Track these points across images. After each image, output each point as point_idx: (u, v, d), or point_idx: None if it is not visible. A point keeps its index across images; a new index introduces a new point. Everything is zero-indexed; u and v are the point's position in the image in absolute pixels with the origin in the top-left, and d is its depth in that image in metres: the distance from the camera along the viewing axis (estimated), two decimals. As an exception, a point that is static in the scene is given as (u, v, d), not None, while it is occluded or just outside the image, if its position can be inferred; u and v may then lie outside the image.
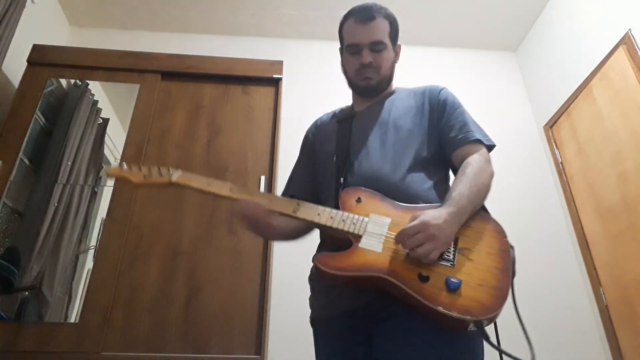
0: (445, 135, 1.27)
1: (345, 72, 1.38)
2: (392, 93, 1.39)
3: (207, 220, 2.12)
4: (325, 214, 1.12)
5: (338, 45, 1.41)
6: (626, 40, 2.51)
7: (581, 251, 2.78)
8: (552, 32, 3.19)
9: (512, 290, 1.00)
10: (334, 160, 1.29)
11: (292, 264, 1.89)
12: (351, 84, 1.37)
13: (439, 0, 3.21)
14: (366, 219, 1.10)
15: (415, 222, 1.01)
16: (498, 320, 1.00)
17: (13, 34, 2.32)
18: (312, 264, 1.22)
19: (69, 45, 3.03)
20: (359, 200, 1.15)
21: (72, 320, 1.95)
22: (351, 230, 1.09)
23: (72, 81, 2.51)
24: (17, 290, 1.99)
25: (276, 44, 3.41)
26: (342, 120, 1.38)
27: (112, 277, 1.95)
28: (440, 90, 1.35)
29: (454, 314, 0.93)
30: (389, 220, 1.10)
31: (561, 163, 3.02)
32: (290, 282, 2.10)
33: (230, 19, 3.35)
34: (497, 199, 3.12)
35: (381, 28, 1.30)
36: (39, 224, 2.09)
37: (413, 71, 3.42)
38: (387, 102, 1.35)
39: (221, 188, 1.21)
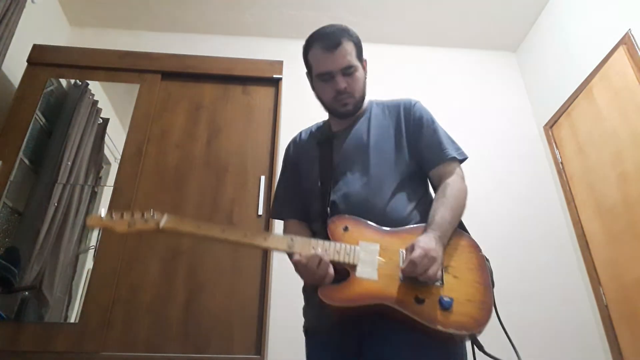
0: (422, 154, 1.34)
1: (319, 98, 1.40)
2: (365, 110, 1.43)
3: (207, 220, 2.12)
4: (319, 247, 1.15)
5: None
6: (626, 40, 2.51)
7: (581, 251, 2.78)
8: (552, 32, 3.19)
9: (494, 302, 1.12)
10: (318, 185, 1.32)
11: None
12: (329, 109, 1.40)
13: (439, 1, 3.21)
14: (357, 247, 1.15)
15: (419, 251, 1.07)
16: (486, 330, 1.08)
17: (13, 34, 2.32)
18: None
19: (69, 45, 3.03)
20: (346, 229, 1.19)
21: (72, 320, 1.95)
22: (346, 260, 1.13)
23: (72, 81, 2.51)
24: (17, 290, 1.99)
25: (276, 44, 3.41)
26: (322, 142, 1.41)
27: (112, 277, 1.95)
28: (414, 105, 1.41)
29: (452, 331, 1.04)
30: (377, 246, 1.16)
31: (561, 163, 3.02)
32: (290, 282, 2.09)
33: (230, 19, 3.35)
34: (498, 199, 3.15)
35: (348, 51, 1.31)
36: (39, 224, 2.09)
37: (413, 71, 3.43)
38: (364, 122, 1.39)
39: (212, 229, 1.19)
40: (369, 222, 1.20)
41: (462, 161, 1.36)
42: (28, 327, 1.86)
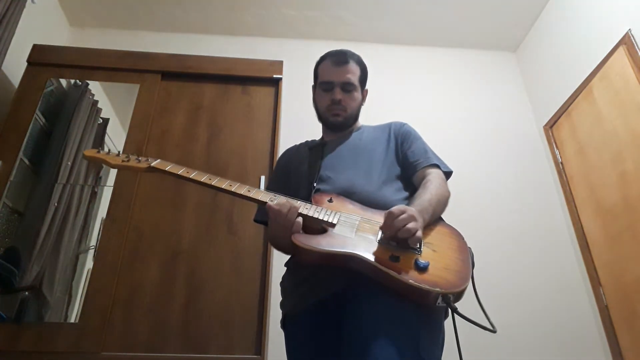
0: (407, 159, 1.41)
1: (316, 107, 1.52)
2: (359, 128, 1.54)
3: (207, 220, 2.12)
4: (300, 204, 1.20)
5: (338, 45, 1.43)
6: (626, 40, 2.51)
7: (581, 251, 2.78)
8: (552, 32, 3.19)
9: (472, 281, 1.10)
10: (305, 178, 1.38)
11: (292, 264, 1.88)
12: (321, 118, 1.51)
13: (439, 1, 3.21)
14: (339, 212, 1.19)
15: (398, 206, 1.10)
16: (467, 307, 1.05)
17: (13, 34, 2.32)
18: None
19: (69, 45, 3.03)
20: (330, 200, 1.24)
21: (72, 320, 1.95)
22: (325, 219, 1.16)
23: (72, 81, 2.51)
24: (17, 290, 1.99)
25: (276, 44, 3.41)
26: (314, 147, 1.50)
27: (112, 277, 1.95)
28: (403, 125, 1.52)
29: (424, 286, 1.02)
30: (359, 217, 1.19)
31: (561, 163, 3.02)
32: (290, 282, 2.10)
33: (230, 19, 3.35)
34: (497, 199, 3.15)
35: (353, 71, 1.45)
36: (39, 224, 2.09)
37: (413, 71, 3.43)
38: (356, 134, 1.50)
39: (199, 175, 1.27)
40: (354, 202, 1.25)
41: (448, 174, 1.39)
42: (28, 327, 1.86)
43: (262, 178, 2.21)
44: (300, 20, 3.34)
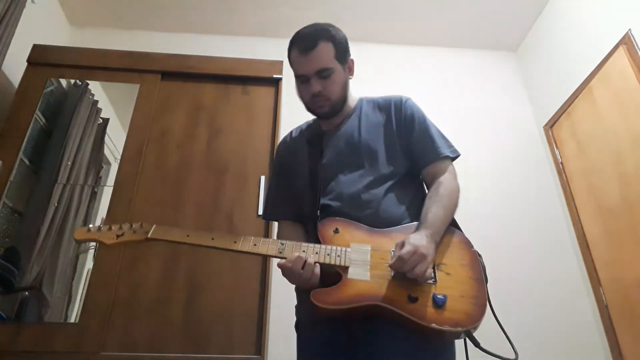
0: (415, 152, 1.33)
1: (301, 99, 1.39)
2: (355, 108, 1.41)
3: (207, 220, 2.12)
4: (309, 251, 1.15)
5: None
6: (626, 40, 2.51)
7: (581, 251, 2.78)
8: (552, 32, 3.19)
9: (488, 297, 1.10)
10: (308, 186, 1.32)
11: (292, 264, 1.88)
12: (309, 110, 1.40)
13: (439, 1, 3.21)
14: (348, 249, 1.15)
15: (408, 247, 1.06)
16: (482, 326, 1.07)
17: (13, 34, 2.32)
18: None
19: (69, 45, 3.02)
20: (336, 230, 1.19)
21: (72, 320, 1.95)
22: (337, 263, 1.13)
23: (72, 81, 2.51)
24: (17, 290, 1.99)
25: (276, 44, 3.39)
26: (312, 140, 1.40)
27: (112, 277, 1.95)
28: (405, 102, 1.39)
29: (447, 328, 1.02)
30: (369, 247, 1.16)
31: (561, 163, 3.02)
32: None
33: (230, 19, 3.35)
34: (497, 198, 3.14)
35: (324, 54, 1.29)
36: (39, 224, 2.09)
37: (413, 71, 3.43)
38: (354, 120, 1.38)
39: (201, 238, 1.20)
40: (360, 224, 1.20)
41: (454, 158, 1.34)
42: (28, 327, 1.86)
43: (262, 178, 2.21)
44: (300, 20, 3.32)
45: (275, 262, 2.06)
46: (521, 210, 2.93)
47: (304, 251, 1.14)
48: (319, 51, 1.29)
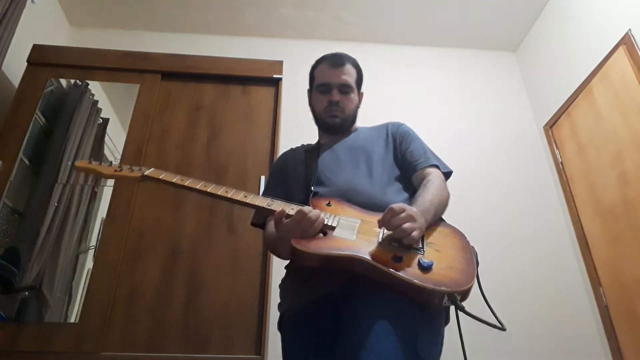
0: (405, 159, 1.40)
1: (313, 110, 1.53)
2: (355, 130, 1.54)
3: (207, 220, 2.12)
4: (297, 209, 1.16)
5: (338, 45, 1.43)
6: (626, 40, 2.51)
7: (581, 251, 2.78)
8: (552, 32, 3.19)
9: (478, 281, 1.08)
10: (303, 179, 1.37)
11: (292, 264, 1.88)
12: (318, 120, 1.51)
13: (439, 1, 3.21)
14: (339, 216, 1.18)
15: (400, 204, 1.08)
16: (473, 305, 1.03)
17: (13, 34, 2.32)
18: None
19: (69, 45, 3.03)
20: (329, 204, 1.22)
21: (72, 320, 1.95)
22: (325, 222, 1.14)
23: (72, 81, 2.51)
24: (17, 290, 1.99)
25: (276, 44, 3.41)
26: (310, 150, 1.50)
27: (112, 277, 1.95)
28: (401, 125, 1.52)
29: (428, 285, 0.99)
30: (359, 220, 1.17)
31: (561, 163, 3.02)
32: (290, 282, 2.09)
33: (230, 19, 3.35)
34: (497, 199, 3.15)
35: (350, 73, 1.47)
36: (39, 224, 2.09)
37: (413, 71, 3.43)
38: (353, 135, 1.50)
39: (194, 183, 1.25)
40: (353, 204, 1.23)
41: (447, 175, 1.38)
42: (28, 327, 1.86)
43: (262, 178, 2.21)
44: (300, 20, 3.34)
45: (275, 262, 2.07)
46: (521, 210, 2.94)
47: (292, 208, 1.17)
48: (346, 69, 1.47)
